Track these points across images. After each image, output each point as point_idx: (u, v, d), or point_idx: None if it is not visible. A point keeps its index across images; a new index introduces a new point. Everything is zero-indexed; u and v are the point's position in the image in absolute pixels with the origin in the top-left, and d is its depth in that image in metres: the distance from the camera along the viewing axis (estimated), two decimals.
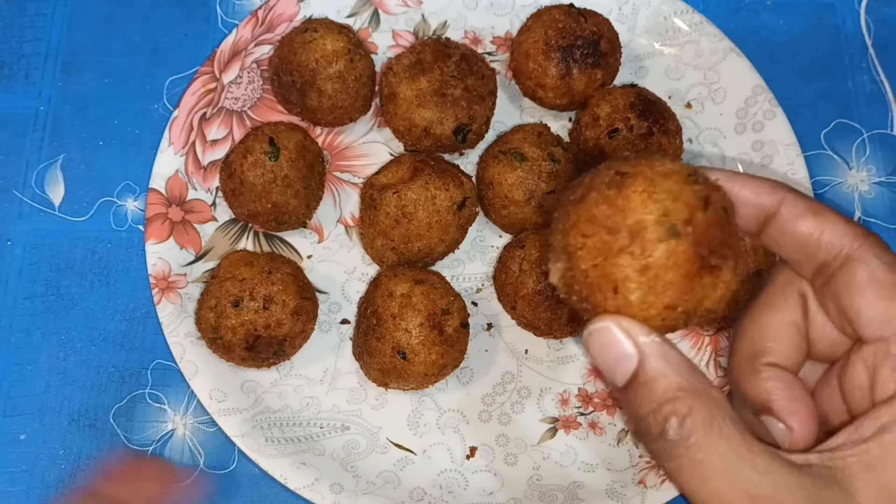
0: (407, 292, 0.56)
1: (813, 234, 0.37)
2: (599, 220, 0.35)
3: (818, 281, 0.38)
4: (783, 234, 0.38)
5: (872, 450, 0.34)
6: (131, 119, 0.67)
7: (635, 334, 0.35)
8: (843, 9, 0.73)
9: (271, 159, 0.59)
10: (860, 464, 0.34)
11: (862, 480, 0.34)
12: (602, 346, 0.35)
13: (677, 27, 0.68)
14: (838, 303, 0.37)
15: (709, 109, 0.67)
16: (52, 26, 0.70)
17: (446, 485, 0.58)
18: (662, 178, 0.34)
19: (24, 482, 0.58)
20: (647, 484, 0.57)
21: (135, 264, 0.63)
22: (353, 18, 0.68)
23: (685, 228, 0.34)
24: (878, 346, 0.36)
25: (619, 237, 0.34)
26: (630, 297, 0.34)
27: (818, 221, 0.37)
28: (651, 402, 0.34)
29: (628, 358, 0.35)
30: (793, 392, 0.39)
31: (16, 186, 0.65)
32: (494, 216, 0.62)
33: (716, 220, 0.35)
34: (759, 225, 0.39)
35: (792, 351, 0.40)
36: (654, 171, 0.35)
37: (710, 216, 0.35)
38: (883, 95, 0.70)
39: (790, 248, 0.39)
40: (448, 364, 0.57)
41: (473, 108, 0.61)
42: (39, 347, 0.61)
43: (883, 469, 0.34)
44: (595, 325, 0.36)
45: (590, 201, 0.35)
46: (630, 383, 0.35)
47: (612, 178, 0.35)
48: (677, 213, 0.34)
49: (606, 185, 0.35)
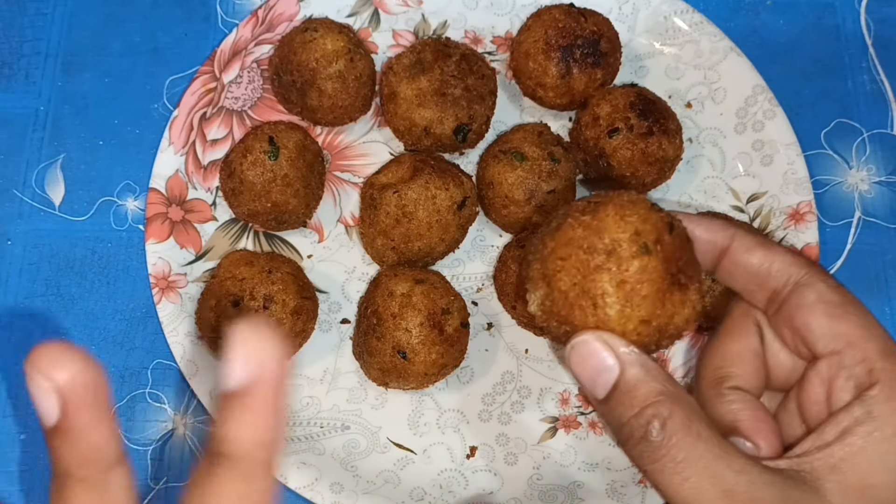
0: (407, 292, 0.56)
1: (763, 264, 0.41)
2: (576, 242, 0.38)
3: (771, 308, 0.42)
4: (736, 266, 0.42)
5: (836, 452, 0.37)
6: (131, 119, 0.67)
7: (615, 346, 0.37)
8: (843, 8, 0.73)
9: (271, 159, 0.59)
10: (826, 466, 0.36)
11: (829, 481, 0.36)
12: (583, 359, 0.38)
13: (677, 27, 0.68)
14: (791, 324, 0.40)
15: (709, 109, 0.67)
16: (52, 26, 0.70)
17: (446, 484, 0.58)
18: (631, 205, 0.38)
19: (24, 482, 0.58)
20: (647, 483, 0.57)
21: (135, 264, 0.63)
22: (354, 18, 0.68)
23: (655, 247, 0.37)
24: (831, 360, 0.39)
25: (596, 256, 0.37)
26: (609, 311, 0.37)
27: (768, 253, 0.41)
28: (632, 408, 0.37)
29: (609, 369, 0.37)
30: (757, 413, 0.42)
31: (16, 186, 0.65)
32: (494, 216, 0.62)
33: (680, 243, 0.38)
34: (714, 261, 0.42)
35: (752, 375, 0.43)
36: (623, 199, 0.38)
37: (675, 239, 0.38)
38: (883, 95, 0.70)
39: (743, 280, 0.42)
40: (448, 364, 0.57)
41: (473, 107, 0.61)
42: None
43: (847, 469, 0.36)
44: (577, 339, 0.38)
45: (566, 228, 0.38)
46: (611, 393, 0.37)
47: (586, 206, 0.39)
48: (647, 233, 0.37)
49: (580, 212, 0.38)
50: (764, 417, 0.42)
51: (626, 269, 0.37)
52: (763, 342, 0.43)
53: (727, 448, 0.36)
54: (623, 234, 0.37)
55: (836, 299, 0.39)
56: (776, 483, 0.36)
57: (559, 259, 0.38)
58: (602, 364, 0.37)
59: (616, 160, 0.60)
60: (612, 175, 0.61)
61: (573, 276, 0.38)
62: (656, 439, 0.35)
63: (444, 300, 0.57)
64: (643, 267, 0.37)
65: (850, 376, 0.38)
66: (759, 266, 0.41)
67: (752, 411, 0.42)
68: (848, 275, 0.65)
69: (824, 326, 0.39)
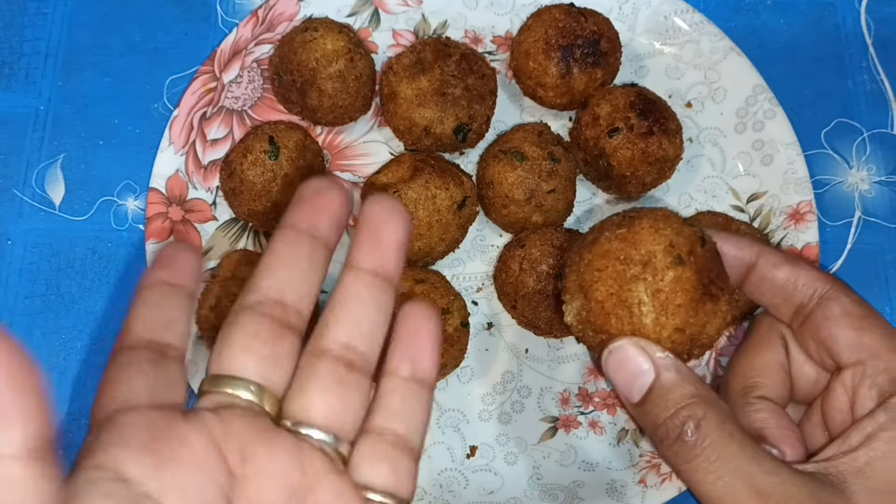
0: (407, 291, 0.56)
1: (790, 279, 0.43)
2: (612, 254, 0.39)
3: (796, 321, 0.44)
4: (763, 281, 0.44)
5: (861, 457, 0.39)
6: (131, 118, 0.67)
7: (651, 351, 0.39)
8: (843, 8, 0.73)
9: (271, 158, 0.59)
10: (851, 470, 0.38)
11: (855, 484, 0.38)
12: (620, 363, 0.39)
13: (677, 26, 0.68)
14: (817, 336, 0.43)
15: (709, 109, 0.67)
16: (52, 26, 0.70)
17: (446, 484, 0.58)
18: (665, 219, 0.40)
19: None
20: (647, 483, 0.57)
21: (135, 264, 0.63)
22: (354, 18, 0.68)
23: (688, 258, 0.39)
24: (855, 369, 0.41)
25: (632, 266, 0.39)
26: (644, 319, 0.39)
27: (794, 269, 0.44)
28: (667, 409, 0.38)
29: (644, 373, 0.39)
30: (782, 421, 0.44)
31: (16, 186, 0.65)
32: (495, 215, 0.62)
33: (711, 256, 0.40)
34: (741, 276, 0.45)
35: (778, 386, 0.45)
36: (657, 214, 0.40)
37: (707, 252, 0.40)
38: (883, 95, 0.70)
39: (770, 294, 0.44)
40: (448, 363, 0.57)
41: (474, 107, 0.61)
42: (39, 347, 0.61)
43: (872, 473, 0.38)
44: (613, 345, 0.40)
45: (602, 241, 0.40)
46: (646, 396, 0.39)
47: (621, 221, 0.41)
48: (681, 245, 0.39)
49: (616, 226, 0.40)
50: (789, 425, 0.44)
51: (662, 278, 0.38)
52: (788, 355, 0.45)
53: (758, 450, 0.37)
54: (658, 245, 0.39)
55: (860, 312, 0.42)
56: (806, 484, 0.37)
57: (596, 270, 0.40)
58: (638, 368, 0.39)
59: (616, 160, 0.60)
60: (612, 175, 0.61)
61: (610, 286, 0.39)
62: (691, 439, 0.37)
63: (444, 300, 0.57)
64: (677, 277, 0.38)
65: (874, 385, 0.40)
66: (786, 281, 0.43)
67: (779, 420, 0.44)
68: (848, 274, 0.65)
69: (849, 337, 0.41)
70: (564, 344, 0.62)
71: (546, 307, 0.58)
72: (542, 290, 0.57)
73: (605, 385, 0.61)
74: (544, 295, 0.57)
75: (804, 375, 0.45)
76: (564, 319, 0.42)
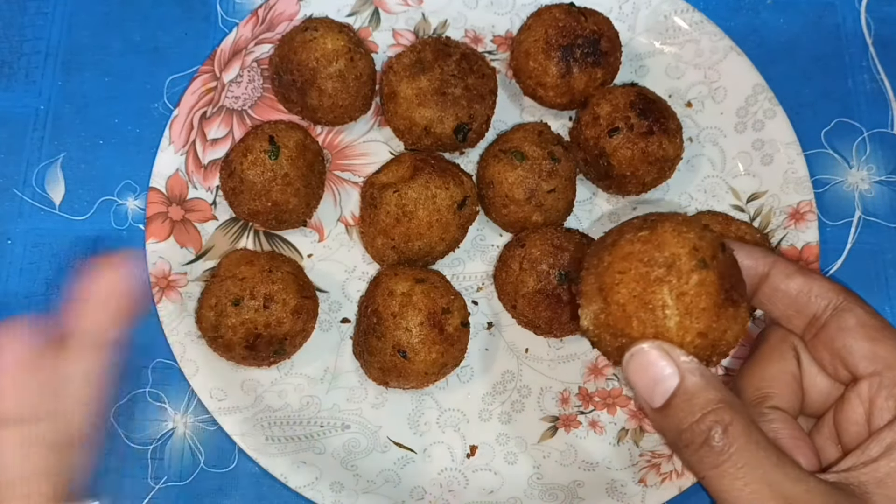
0: (407, 291, 0.56)
1: (803, 290, 0.43)
2: (635, 256, 0.39)
3: (809, 333, 0.44)
4: (776, 291, 0.44)
5: (881, 467, 0.38)
6: (131, 118, 0.67)
7: (675, 355, 0.38)
8: (843, 7, 0.73)
9: (271, 158, 0.59)
10: (872, 480, 0.38)
11: (876, 494, 0.38)
12: (642, 367, 0.39)
13: (677, 26, 0.68)
14: (832, 347, 0.42)
15: (709, 108, 0.67)
16: (52, 25, 0.70)
17: (446, 483, 0.58)
18: (687, 223, 0.39)
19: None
20: (647, 483, 0.57)
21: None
22: (354, 17, 0.68)
23: (712, 262, 0.38)
24: (871, 380, 0.41)
25: (656, 268, 0.38)
26: (668, 322, 0.38)
27: (807, 280, 0.43)
28: (693, 414, 0.38)
29: (668, 378, 0.38)
30: (795, 431, 0.44)
31: (16, 185, 0.65)
32: (495, 215, 0.62)
33: (731, 262, 0.40)
34: (754, 287, 0.44)
35: (790, 397, 0.45)
36: (678, 218, 0.40)
37: (727, 257, 0.40)
38: (883, 94, 0.70)
39: (783, 304, 0.44)
40: (448, 363, 0.57)
41: (474, 106, 0.61)
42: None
43: (893, 483, 0.38)
44: (635, 348, 0.39)
45: (623, 243, 0.39)
46: (669, 401, 0.39)
47: (642, 224, 0.40)
48: (704, 249, 0.38)
49: (637, 229, 0.40)
50: (802, 436, 0.44)
51: (686, 281, 0.38)
52: (800, 366, 0.45)
53: (783, 457, 0.37)
54: (682, 248, 0.38)
55: (875, 323, 0.41)
56: (831, 493, 0.37)
57: (617, 273, 0.39)
58: (661, 373, 0.38)
59: (616, 159, 0.60)
60: (612, 174, 0.61)
61: (632, 288, 0.38)
62: (718, 444, 0.37)
63: (445, 299, 0.57)
64: (702, 280, 0.38)
65: (891, 396, 0.40)
66: (799, 291, 0.43)
67: (791, 430, 0.43)
68: (848, 274, 0.65)
69: (865, 349, 0.41)
70: (564, 343, 0.62)
71: (546, 307, 0.58)
72: (542, 289, 0.57)
73: (605, 385, 0.61)
74: (544, 294, 0.57)
75: (816, 387, 0.45)
76: (580, 324, 0.41)
